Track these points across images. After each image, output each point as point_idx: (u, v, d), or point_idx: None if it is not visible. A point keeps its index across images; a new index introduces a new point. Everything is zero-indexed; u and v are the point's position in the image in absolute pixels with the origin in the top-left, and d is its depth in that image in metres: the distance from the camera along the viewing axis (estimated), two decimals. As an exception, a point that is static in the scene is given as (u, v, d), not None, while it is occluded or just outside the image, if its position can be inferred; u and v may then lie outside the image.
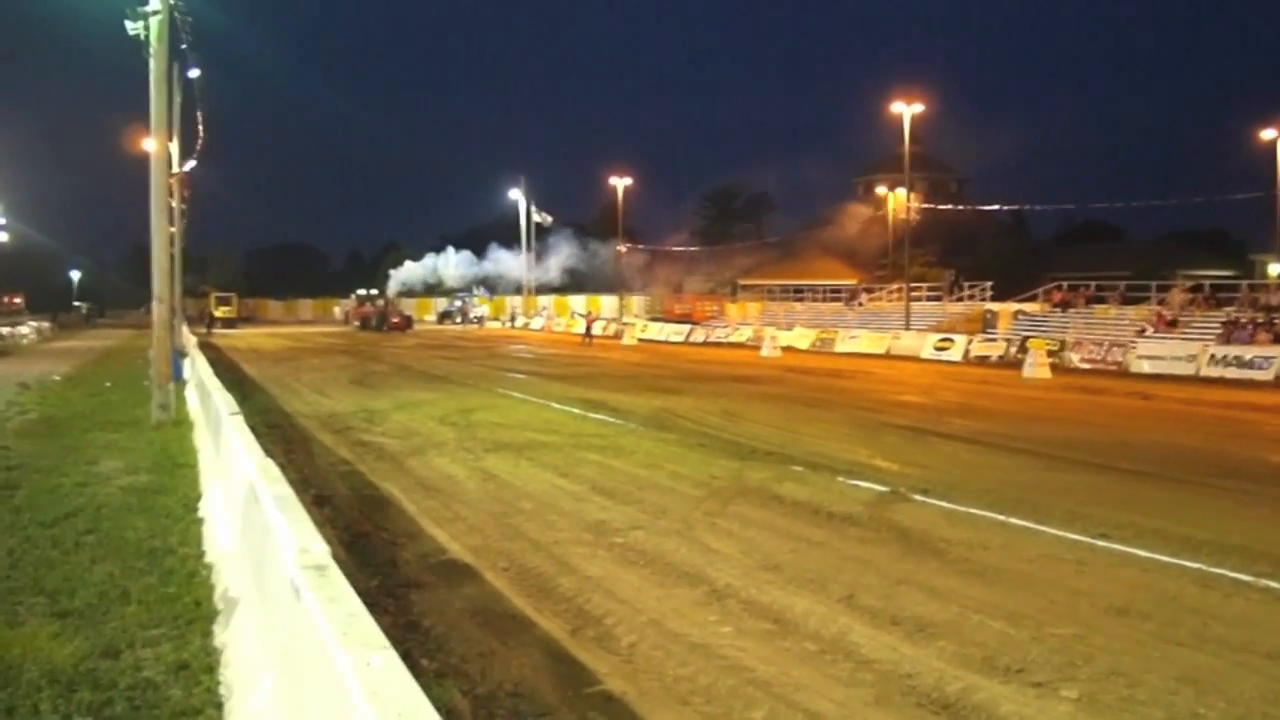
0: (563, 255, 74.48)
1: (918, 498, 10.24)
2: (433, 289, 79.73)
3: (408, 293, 77.21)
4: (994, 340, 36.30)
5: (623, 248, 66.99)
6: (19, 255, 69.57)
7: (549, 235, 76.82)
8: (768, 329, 44.17)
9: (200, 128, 28.55)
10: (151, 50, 15.89)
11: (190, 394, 17.68)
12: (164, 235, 16.80)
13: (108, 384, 22.15)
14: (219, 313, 66.46)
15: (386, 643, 3.16)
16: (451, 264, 77.78)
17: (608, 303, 72.15)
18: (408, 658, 5.22)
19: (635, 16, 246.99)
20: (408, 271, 78.15)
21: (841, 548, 8.32)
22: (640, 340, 48.93)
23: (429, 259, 79.10)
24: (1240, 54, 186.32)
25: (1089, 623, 6.41)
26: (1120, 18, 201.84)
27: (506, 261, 75.71)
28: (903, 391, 23.37)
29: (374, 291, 70.02)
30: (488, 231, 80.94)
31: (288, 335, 54.13)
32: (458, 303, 74.61)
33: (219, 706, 4.81)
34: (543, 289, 77.42)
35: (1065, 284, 42.48)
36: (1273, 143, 39.30)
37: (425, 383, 24.17)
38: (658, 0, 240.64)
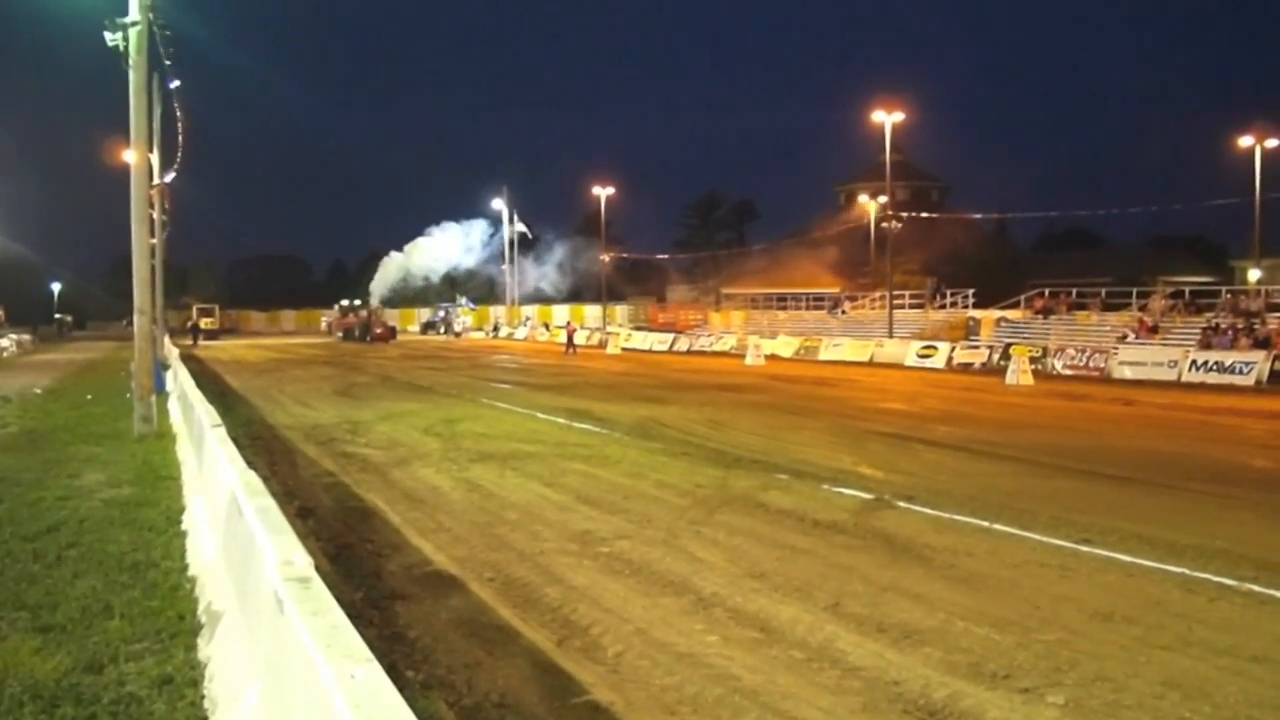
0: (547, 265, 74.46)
1: (902, 505, 10.26)
2: (418, 287, 78.40)
3: (391, 303, 76.77)
4: (977, 347, 36.45)
5: (606, 257, 66.99)
6: (-2, 267, 68.98)
7: (534, 245, 76.76)
8: (751, 337, 44.24)
9: (180, 139, 28.44)
10: (130, 61, 15.82)
11: (173, 406, 17.60)
12: (145, 247, 16.72)
13: (89, 397, 22.00)
14: (201, 324, 66.16)
15: (370, 655, 3.15)
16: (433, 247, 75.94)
17: (591, 312, 72.16)
18: (393, 670, 5.21)
19: (619, 24, 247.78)
20: (392, 268, 76.31)
21: (827, 555, 8.33)
22: (624, 349, 48.90)
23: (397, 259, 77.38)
24: (1220, 61, 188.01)
25: (1074, 628, 6.43)
26: (1100, 24, 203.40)
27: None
28: (886, 399, 23.43)
29: (357, 302, 69.70)
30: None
31: (271, 347, 53.88)
32: (441, 313, 74.37)
33: (203, 721, 4.78)
34: (525, 299, 77.30)
35: (1047, 291, 42.69)
36: (1251, 149, 39.70)
37: (409, 393, 24.10)
38: (641, 9, 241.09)
